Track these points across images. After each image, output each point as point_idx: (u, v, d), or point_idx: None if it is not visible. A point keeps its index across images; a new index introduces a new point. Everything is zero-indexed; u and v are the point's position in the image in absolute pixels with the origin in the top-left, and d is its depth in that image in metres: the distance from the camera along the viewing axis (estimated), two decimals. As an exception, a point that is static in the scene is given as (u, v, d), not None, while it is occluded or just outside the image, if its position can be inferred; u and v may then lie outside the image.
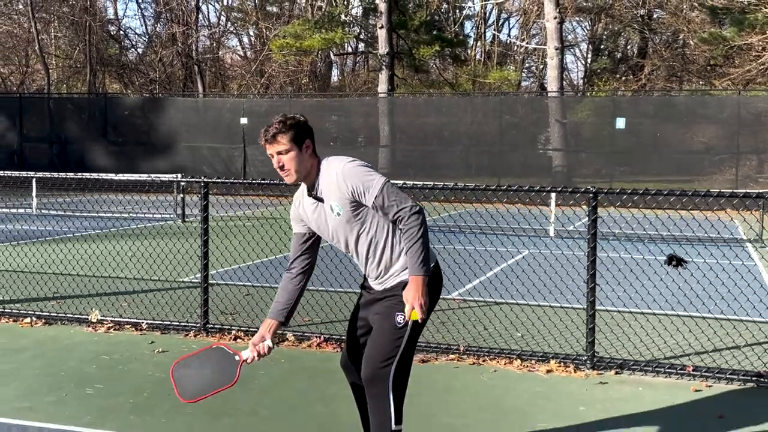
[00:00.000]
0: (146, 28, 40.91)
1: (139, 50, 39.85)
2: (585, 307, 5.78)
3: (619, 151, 23.50)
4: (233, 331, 6.55)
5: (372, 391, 3.46)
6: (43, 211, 16.99)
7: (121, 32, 39.85)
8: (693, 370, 5.55)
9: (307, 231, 3.63)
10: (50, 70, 34.03)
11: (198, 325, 6.65)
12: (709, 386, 5.38)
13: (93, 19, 33.91)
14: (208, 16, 41.93)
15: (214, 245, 7.57)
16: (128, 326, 6.79)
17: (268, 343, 3.56)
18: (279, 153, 3.41)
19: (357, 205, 3.43)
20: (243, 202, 18.87)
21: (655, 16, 38.18)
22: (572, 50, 43.93)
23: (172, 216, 16.75)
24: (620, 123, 22.29)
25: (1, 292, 8.03)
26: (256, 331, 6.31)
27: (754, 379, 5.43)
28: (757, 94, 26.05)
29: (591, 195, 5.65)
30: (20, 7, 35.52)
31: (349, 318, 3.82)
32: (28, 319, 6.98)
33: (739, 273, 7.77)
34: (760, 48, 28.04)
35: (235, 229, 10.74)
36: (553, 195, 15.14)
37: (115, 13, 41.00)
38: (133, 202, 17.16)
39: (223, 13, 39.97)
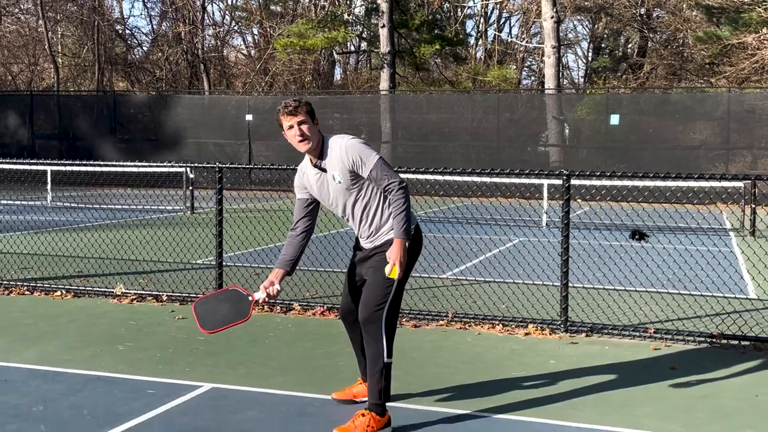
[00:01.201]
0: (152, 27, 41.65)
1: (145, 49, 40.59)
2: (560, 275, 6.47)
3: (614, 148, 24.14)
4: (245, 302, 7.24)
5: (368, 331, 4.16)
6: (57, 203, 17.70)
7: (128, 31, 40.58)
8: (654, 332, 6.25)
9: (309, 197, 4.34)
10: (59, 69, 34.73)
11: (213, 296, 7.34)
12: (668, 346, 6.07)
13: (101, 19, 34.62)
14: (213, 15, 42.65)
15: (226, 227, 8.24)
16: (150, 298, 7.50)
17: (277, 287, 4.23)
18: (299, 123, 4.12)
19: (355, 175, 4.14)
20: (247, 196, 19.57)
21: (654, 15, 38.80)
22: (573, 49, 44.61)
23: (181, 208, 17.44)
24: (614, 119, 22.95)
25: (32, 272, 8.76)
26: (267, 302, 7.06)
27: (708, 340, 6.13)
28: (748, 92, 26.65)
29: (564, 177, 6.34)
30: (30, 6, 36.26)
31: (346, 274, 4.52)
32: (58, 293, 7.69)
33: (717, 259, 8.46)
34: (755, 47, 28.67)
35: (244, 219, 11.45)
36: (545, 189, 15.84)
37: (121, 12, 41.71)
38: (141, 196, 17.86)
39: (227, 12, 40.67)
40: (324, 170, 4.20)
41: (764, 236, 13.08)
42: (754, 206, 13.93)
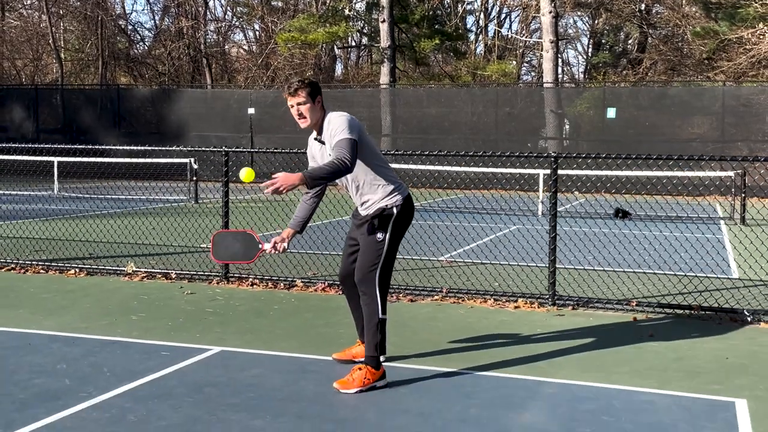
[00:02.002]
0: (155, 22, 41.99)
1: (148, 44, 40.94)
2: (548, 252, 6.84)
3: (612, 141, 24.46)
4: (250, 279, 7.63)
5: (363, 290, 4.53)
6: (63, 193, 18.08)
7: (130, 26, 40.93)
8: (636, 305, 6.63)
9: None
10: (63, 63, 35.08)
11: (220, 274, 7.73)
12: (648, 317, 6.44)
13: (105, 14, 34.97)
14: (215, 10, 42.99)
15: (230, 215, 8.59)
16: (159, 276, 7.88)
17: (285, 245, 4.65)
18: (298, 104, 4.46)
19: None
20: (245, 188, 19.94)
21: (653, 11, 39.10)
22: (573, 44, 44.92)
23: (185, 198, 17.83)
24: (611, 113, 23.29)
25: (44, 254, 9.14)
26: (269, 279, 7.45)
27: (687, 311, 6.50)
28: (743, 86, 26.96)
29: (552, 159, 6.71)
30: (34, 1, 36.60)
31: (345, 240, 4.88)
32: (72, 271, 8.07)
33: (700, 243, 8.82)
34: (752, 42, 28.99)
35: (251, 207, 11.82)
36: (541, 180, 16.22)
37: (123, 7, 42.02)
38: (146, 188, 18.24)
39: (228, 7, 41.00)
40: (323, 143, 4.57)
41: (752, 225, 13.46)
42: (744, 195, 14.30)
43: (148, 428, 3.90)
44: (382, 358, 4.61)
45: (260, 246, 4.67)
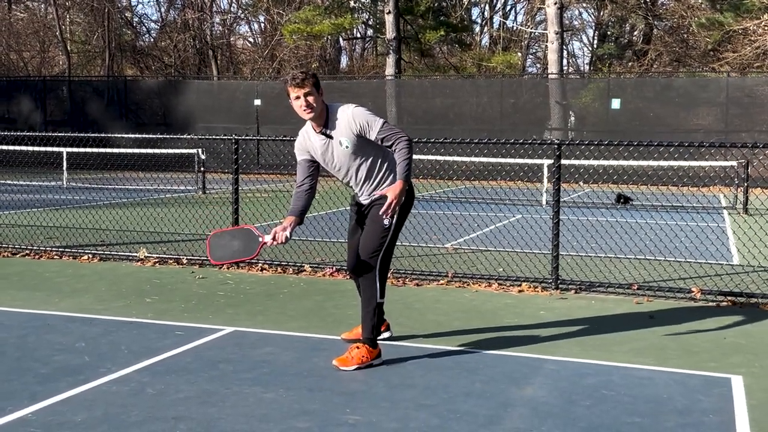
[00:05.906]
0: (161, 14, 42.13)
1: (154, 36, 41.10)
2: (551, 238, 7.00)
3: (617, 131, 24.55)
4: (259, 264, 7.80)
5: (364, 274, 4.68)
6: (72, 184, 18.27)
7: (136, 18, 41.09)
8: (637, 289, 6.78)
9: (312, 157, 4.75)
10: (70, 55, 35.26)
11: (230, 260, 7.90)
12: (650, 300, 6.60)
13: (111, 5, 35.12)
14: (221, 2, 43.13)
15: (240, 204, 8.74)
16: (171, 261, 8.06)
17: (287, 233, 4.53)
18: (305, 94, 4.56)
19: (362, 140, 4.63)
20: (252, 179, 20.12)
21: (659, 2, 39.09)
22: (579, 36, 44.94)
23: (193, 189, 18.01)
24: (615, 104, 23.38)
25: (57, 241, 9.32)
26: (278, 264, 7.61)
27: (687, 296, 6.65)
28: (748, 77, 27.00)
29: (555, 146, 6.86)
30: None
31: (348, 232, 4.99)
32: (85, 257, 8.26)
33: (705, 233, 8.96)
34: (756, 33, 29.00)
35: (253, 199, 11.99)
36: (545, 170, 16.34)
37: (129, 0, 42.17)
38: (154, 179, 18.40)
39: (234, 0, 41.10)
40: (330, 137, 4.64)
41: (754, 214, 13.59)
42: (747, 185, 14.42)
43: (166, 400, 4.07)
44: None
45: (260, 239, 4.53)
